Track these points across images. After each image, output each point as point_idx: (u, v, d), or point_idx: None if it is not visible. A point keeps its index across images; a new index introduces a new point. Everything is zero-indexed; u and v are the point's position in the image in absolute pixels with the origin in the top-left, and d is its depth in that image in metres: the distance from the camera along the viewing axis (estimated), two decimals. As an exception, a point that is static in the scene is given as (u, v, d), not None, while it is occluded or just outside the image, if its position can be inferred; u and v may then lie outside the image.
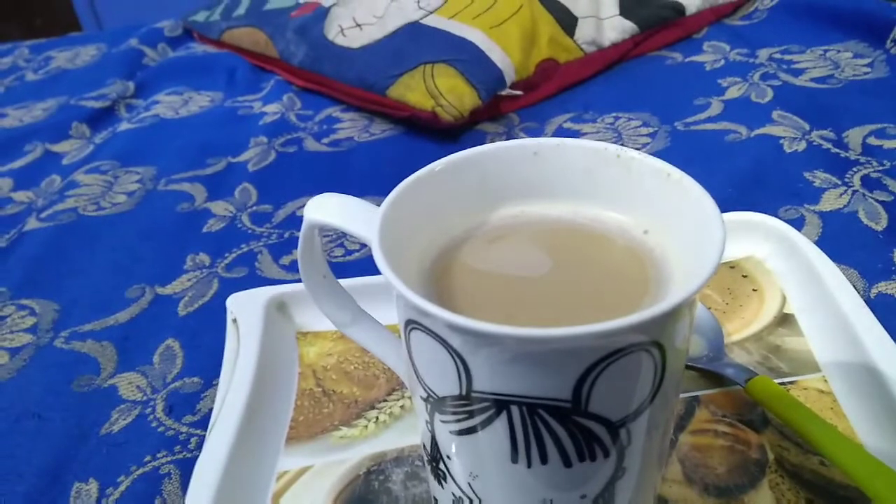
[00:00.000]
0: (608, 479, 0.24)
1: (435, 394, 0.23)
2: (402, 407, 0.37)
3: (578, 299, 0.24)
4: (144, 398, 0.40)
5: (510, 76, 0.67)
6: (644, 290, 0.24)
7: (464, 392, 0.22)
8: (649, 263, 0.25)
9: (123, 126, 0.74)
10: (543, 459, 0.22)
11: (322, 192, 0.27)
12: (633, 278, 0.24)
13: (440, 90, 0.63)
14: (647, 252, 0.25)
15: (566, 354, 0.20)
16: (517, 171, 0.27)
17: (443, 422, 0.24)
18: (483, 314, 0.20)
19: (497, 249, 0.27)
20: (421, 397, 0.24)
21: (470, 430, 0.23)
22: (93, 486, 0.36)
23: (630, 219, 0.26)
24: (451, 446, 0.25)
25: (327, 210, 0.26)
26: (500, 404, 0.21)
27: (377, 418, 0.37)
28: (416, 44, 0.69)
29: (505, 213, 0.28)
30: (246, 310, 0.41)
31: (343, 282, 0.31)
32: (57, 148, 0.72)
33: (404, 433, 0.36)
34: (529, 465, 0.23)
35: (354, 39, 0.73)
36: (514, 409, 0.21)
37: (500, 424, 0.22)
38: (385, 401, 0.38)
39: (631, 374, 0.21)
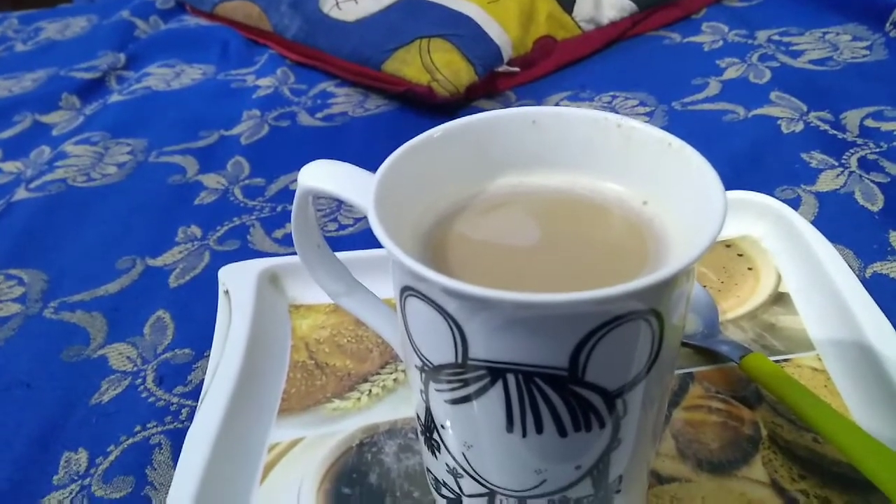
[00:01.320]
0: (603, 450, 0.23)
1: (430, 362, 0.23)
2: (395, 380, 0.37)
3: (576, 269, 0.24)
4: (135, 369, 0.40)
5: (507, 52, 0.66)
6: (643, 260, 0.23)
7: (459, 360, 0.22)
8: (648, 234, 0.24)
9: (114, 98, 0.73)
10: (539, 429, 0.22)
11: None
12: (631, 249, 0.24)
13: (436, 65, 0.62)
14: (646, 223, 0.25)
15: (564, 321, 0.20)
16: (516, 139, 0.27)
17: (437, 391, 0.23)
18: (479, 281, 0.19)
19: (494, 219, 0.26)
20: (416, 366, 0.24)
21: (465, 399, 0.23)
22: (82, 456, 0.35)
23: (629, 189, 0.26)
24: (445, 416, 0.24)
25: (322, 176, 0.26)
26: (496, 372, 0.21)
27: (370, 391, 0.36)
28: (412, 18, 0.68)
29: (503, 182, 0.27)
30: (238, 281, 0.40)
31: (337, 255, 0.30)
32: (46, 119, 0.71)
33: (397, 406, 0.35)
34: (524, 434, 0.22)
35: (349, 13, 0.72)
36: (510, 378, 0.21)
37: (496, 393, 0.22)
38: (378, 374, 0.37)
39: (629, 343, 0.21)
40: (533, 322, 0.20)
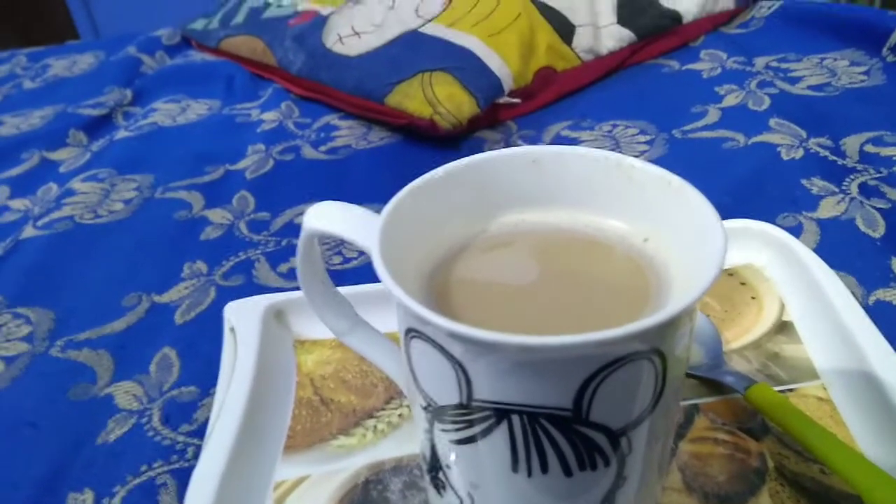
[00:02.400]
0: (608, 489, 0.23)
1: (435, 402, 0.23)
2: (400, 416, 0.37)
3: (579, 308, 0.24)
4: (141, 407, 0.40)
5: (508, 84, 0.67)
6: (644, 299, 0.24)
7: (464, 401, 0.22)
8: (649, 272, 0.25)
9: (121, 134, 0.74)
10: (544, 469, 0.22)
11: (320, 200, 0.27)
12: (633, 287, 0.24)
13: (438, 98, 0.63)
14: (647, 260, 0.25)
15: (567, 363, 0.20)
16: (517, 179, 0.27)
17: (442, 431, 0.24)
18: (483, 323, 0.20)
19: (497, 258, 0.26)
20: (420, 406, 0.24)
21: (470, 440, 0.23)
22: (88, 496, 0.35)
23: (630, 227, 0.26)
24: (450, 455, 0.24)
25: (327, 218, 0.26)
26: (501, 413, 0.21)
27: (375, 427, 0.36)
28: (414, 52, 0.69)
29: (504, 221, 0.28)
30: (243, 318, 0.41)
31: (341, 290, 0.31)
32: (54, 156, 0.72)
33: (402, 442, 0.35)
34: (530, 474, 0.23)
35: (353, 48, 0.73)
36: (515, 418, 0.21)
37: (501, 433, 0.22)
38: (383, 409, 0.37)
39: (632, 383, 0.21)
40: (537, 364, 0.20)
